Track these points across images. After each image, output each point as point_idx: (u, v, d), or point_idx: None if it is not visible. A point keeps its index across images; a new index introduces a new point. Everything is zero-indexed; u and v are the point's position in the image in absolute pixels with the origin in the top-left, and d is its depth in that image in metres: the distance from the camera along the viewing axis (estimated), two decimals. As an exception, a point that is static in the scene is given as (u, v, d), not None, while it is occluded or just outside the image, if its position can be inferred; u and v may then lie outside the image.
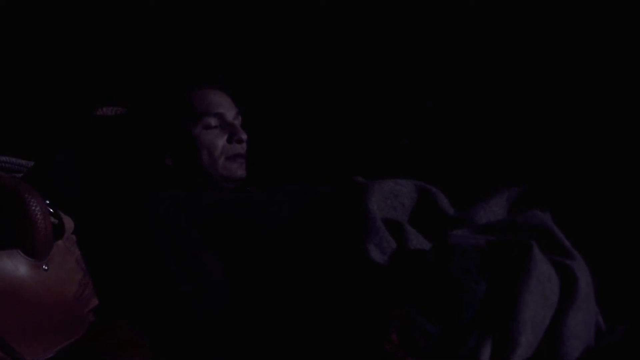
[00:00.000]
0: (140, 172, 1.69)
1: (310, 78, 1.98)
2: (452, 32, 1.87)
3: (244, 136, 1.66)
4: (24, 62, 1.82)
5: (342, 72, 1.96)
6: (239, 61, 2.00)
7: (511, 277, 1.21)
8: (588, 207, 1.51)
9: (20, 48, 1.82)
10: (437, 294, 1.21)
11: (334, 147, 1.93)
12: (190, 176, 1.64)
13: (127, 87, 1.88)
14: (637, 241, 1.47)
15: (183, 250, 1.43)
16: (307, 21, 1.97)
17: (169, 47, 1.94)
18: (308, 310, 1.34)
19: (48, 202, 1.20)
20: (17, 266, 1.15)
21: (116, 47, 1.92)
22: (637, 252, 1.45)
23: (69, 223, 1.25)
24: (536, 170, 1.69)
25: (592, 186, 1.59)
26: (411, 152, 1.85)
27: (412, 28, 1.91)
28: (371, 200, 1.38)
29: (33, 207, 1.16)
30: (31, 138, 1.69)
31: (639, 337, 1.23)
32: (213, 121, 1.65)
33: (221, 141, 1.65)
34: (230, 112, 1.68)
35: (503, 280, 1.21)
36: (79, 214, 1.33)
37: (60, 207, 1.24)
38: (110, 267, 1.39)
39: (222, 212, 1.49)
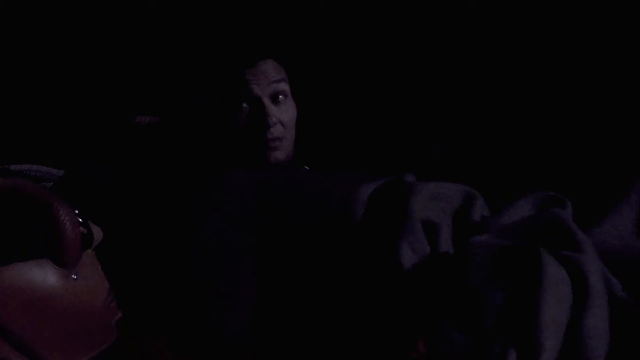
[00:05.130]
0: (171, 180, 1.70)
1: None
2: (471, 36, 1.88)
3: (272, 121, 1.62)
4: (54, 71, 1.84)
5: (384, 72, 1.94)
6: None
7: (526, 284, 1.21)
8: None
9: (47, 57, 1.84)
10: (458, 303, 1.21)
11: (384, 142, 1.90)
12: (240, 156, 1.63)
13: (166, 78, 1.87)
14: None
15: (218, 263, 1.43)
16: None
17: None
18: (336, 314, 1.34)
19: (77, 211, 1.20)
20: (47, 275, 1.16)
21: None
22: None
23: (97, 233, 1.25)
24: (563, 175, 1.68)
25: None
26: (444, 157, 1.84)
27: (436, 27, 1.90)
28: (415, 199, 1.37)
29: (62, 217, 1.17)
30: (62, 146, 1.70)
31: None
32: (244, 105, 1.63)
33: (252, 128, 1.62)
34: (265, 88, 1.65)
35: (519, 287, 1.21)
36: (109, 223, 1.35)
37: (90, 217, 1.25)
38: (138, 278, 1.40)
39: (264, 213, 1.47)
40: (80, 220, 1.21)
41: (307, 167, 1.76)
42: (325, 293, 1.36)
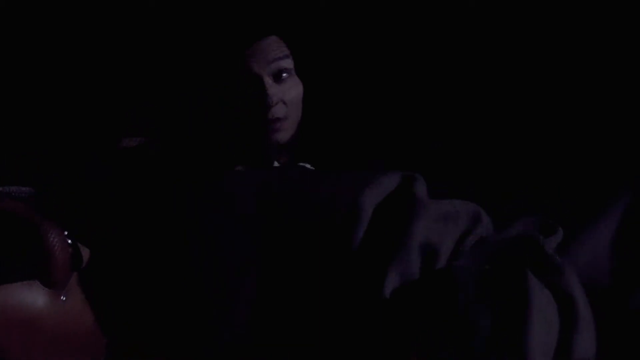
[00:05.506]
0: (171, 180, 1.70)
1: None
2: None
3: (271, 100, 1.57)
4: (51, 72, 1.84)
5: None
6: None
7: (513, 307, 1.21)
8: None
9: (44, 58, 1.84)
10: (446, 327, 1.21)
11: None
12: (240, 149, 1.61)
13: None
14: None
15: (218, 264, 1.42)
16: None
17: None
18: (334, 316, 1.34)
19: (67, 232, 1.20)
20: (36, 297, 1.17)
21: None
22: None
23: (86, 254, 1.26)
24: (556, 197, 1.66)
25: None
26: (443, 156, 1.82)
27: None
28: (418, 223, 1.35)
29: (51, 238, 1.17)
30: (60, 148, 1.70)
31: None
32: (245, 86, 1.57)
33: (253, 109, 1.58)
34: (265, 67, 1.59)
35: (506, 311, 1.21)
36: (106, 225, 1.34)
37: (79, 238, 1.25)
38: (136, 279, 1.40)
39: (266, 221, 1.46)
40: (69, 241, 1.21)
41: (308, 165, 1.74)
42: (323, 295, 1.36)
